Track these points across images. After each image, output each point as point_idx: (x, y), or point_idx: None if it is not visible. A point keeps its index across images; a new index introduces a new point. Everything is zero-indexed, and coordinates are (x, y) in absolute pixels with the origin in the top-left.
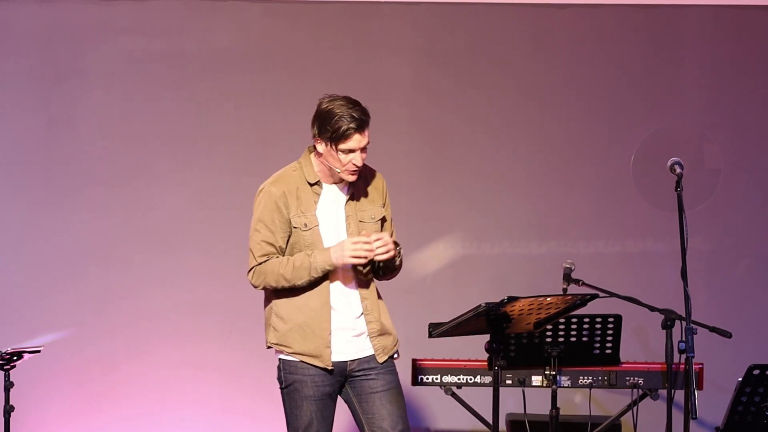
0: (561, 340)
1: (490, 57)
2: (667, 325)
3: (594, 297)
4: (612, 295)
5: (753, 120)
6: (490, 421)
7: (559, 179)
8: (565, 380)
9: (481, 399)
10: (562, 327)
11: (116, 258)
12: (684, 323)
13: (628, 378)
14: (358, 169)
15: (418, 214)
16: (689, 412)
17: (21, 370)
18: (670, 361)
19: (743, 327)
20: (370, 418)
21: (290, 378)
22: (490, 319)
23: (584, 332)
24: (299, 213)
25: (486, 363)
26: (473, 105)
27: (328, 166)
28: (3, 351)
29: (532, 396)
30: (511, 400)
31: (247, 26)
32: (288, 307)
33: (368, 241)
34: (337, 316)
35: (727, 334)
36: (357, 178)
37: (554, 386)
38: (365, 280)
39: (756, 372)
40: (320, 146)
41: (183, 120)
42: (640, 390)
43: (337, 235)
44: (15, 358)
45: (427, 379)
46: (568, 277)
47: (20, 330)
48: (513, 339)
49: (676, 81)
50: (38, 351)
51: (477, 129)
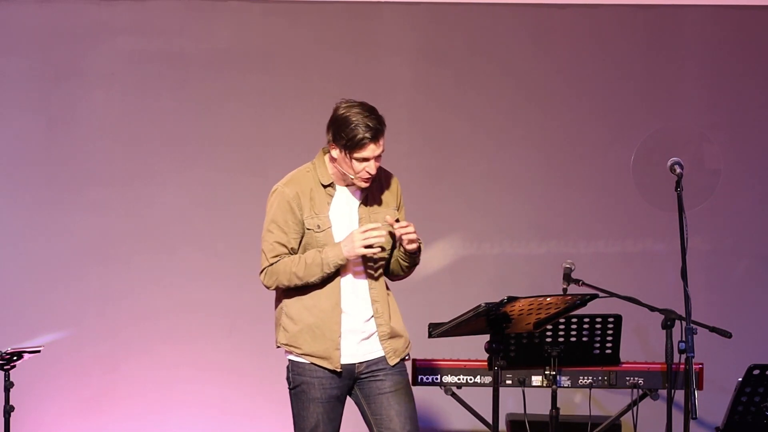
0: (561, 340)
1: (490, 57)
2: (667, 325)
3: (594, 297)
4: (612, 295)
5: (753, 120)
6: (490, 421)
7: (559, 179)
8: (565, 380)
9: (481, 399)
10: (562, 327)
11: (116, 258)
12: (684, 323)
13: (628, 378)
14: (371, 176)
15: (418, 214)
16: (689, 412)
17: (21, 370)
18: (670, 361)
19: (743, 327)
20: (378, 420)
21: (298, 379)
22: (490, 319)
23: (584, 332)
24: (312, 214)
25: (486, 363)
26: (473, 105)
27: (341, 170)
28: (3, 351)
29: (532, 396)
30: (511, 400)
31: (247, 26)
32: (298, 307)
33: (378, 227)
34: (347, 319)
35: (727, 334)
36: (370, 184)
37: (554, 386)
38: (377, 281)
39: (756, 372)
40: (335, 152)
41: (183, 120)
42: (640, 390)
43: None
44: (15, 358)
45: (427, 379)
46: (568, 277)
47: (20, 330)
48: (513, 339)
49: (676, 81)
50: (38, 351)
51: (477, 129)
